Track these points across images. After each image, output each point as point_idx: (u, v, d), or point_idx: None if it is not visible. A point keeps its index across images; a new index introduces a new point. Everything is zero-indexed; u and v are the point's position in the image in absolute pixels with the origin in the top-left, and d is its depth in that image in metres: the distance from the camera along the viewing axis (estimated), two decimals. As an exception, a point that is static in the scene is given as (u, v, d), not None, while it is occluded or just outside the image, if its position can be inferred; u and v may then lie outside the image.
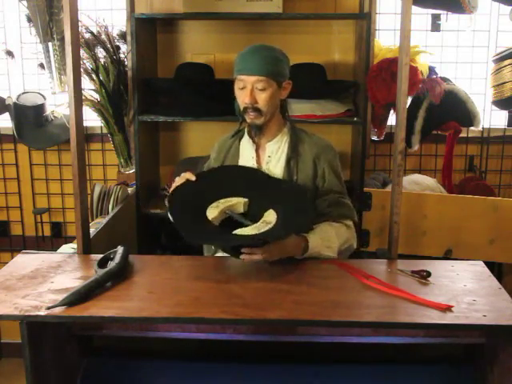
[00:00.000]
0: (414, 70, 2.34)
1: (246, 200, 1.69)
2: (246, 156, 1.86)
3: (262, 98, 1.73)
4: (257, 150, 1.85)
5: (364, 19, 2.40)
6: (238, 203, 1.68)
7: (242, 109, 1.77)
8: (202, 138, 2.80)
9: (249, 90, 1.72)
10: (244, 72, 1.72)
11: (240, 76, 1.73)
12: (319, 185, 1.81)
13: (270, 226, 1.58)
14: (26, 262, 1.64)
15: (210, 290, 1.45)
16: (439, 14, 2.59)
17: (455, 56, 2.82)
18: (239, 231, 1.56)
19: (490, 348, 1.49)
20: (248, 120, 1.78)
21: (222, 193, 1.69)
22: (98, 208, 2.44)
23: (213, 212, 1.63)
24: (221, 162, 1.90)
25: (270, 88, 1.72)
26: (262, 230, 1.55)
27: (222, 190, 1.70)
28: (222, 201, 1.66)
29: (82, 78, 2.24)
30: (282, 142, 1.83)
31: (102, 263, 1.56)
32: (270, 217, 1.62)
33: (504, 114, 2.80)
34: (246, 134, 1.88)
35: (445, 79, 2.58)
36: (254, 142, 1.85)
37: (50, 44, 2.66)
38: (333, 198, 1.79)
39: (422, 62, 2.52)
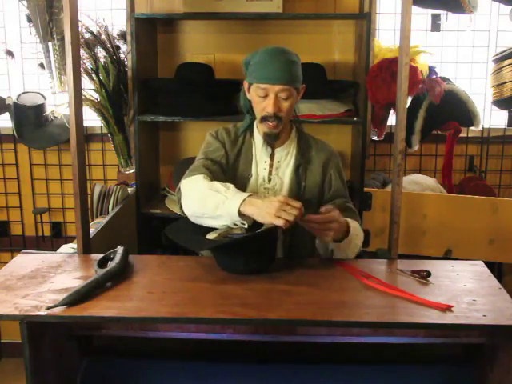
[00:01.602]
0: (413, 70, 2.34)
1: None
2: (260, 159, 1.81)
3: (285, 107, 1.68)
4: (271, 155, 1.81)
5: (364, 19, 2.40)
6: (236, 228, 1.63)
7: (259, 117, 1.73)
8: (201, 138, 2.78)
9: (272, 98, 1.66)
10: (267, 81, 1.65)
11: (262, 85, 1.67)
12: (326, 190, 1.80)
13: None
14: (26, 261, 1.64)
15: (209, 290, 1.45)
16: (439, 14, 2.60)
17: (455, 56, 2.82)
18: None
19: (490, 348, 1.49)
20: (266, 129, 1.72)
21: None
22: (98, 208, 2.44)
23: (212, 235, 1.62)
24: (235, 155, 1.80)
25: (292, 96, 1.69)
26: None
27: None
28: (218, 230, 1.63)
29: (82, 78, 2.23)
30: (291, 148, 1.81)
31: (102, 263, 1.56)
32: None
33: (504, 113, 2.80)
34: (257, 133, 1.81)
35: (445, 79, 2.58)
36: (270, 146, 1.79)
37: (50, 44, 2.66)
38: (339, 203, 1.76)
39: (422, 62, 2.52)
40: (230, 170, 1.80)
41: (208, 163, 1.75)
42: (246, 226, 1.56)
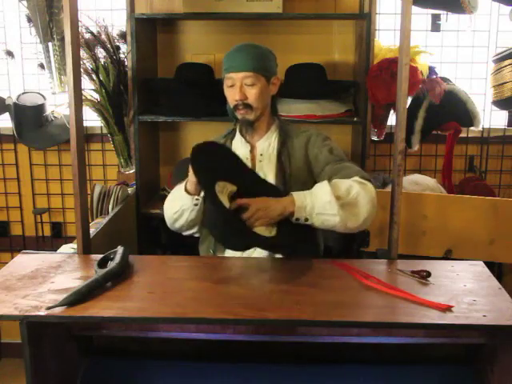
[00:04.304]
0: (414, 70, 2.34)
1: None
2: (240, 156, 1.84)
3: (252, 94, 1.74)
4: (251, 150, 1.84)
5: (364, 19, 2.40)
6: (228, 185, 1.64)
7: (232, 107, 1.78)
8: (201, 138, 2.74)
9: (238, 86, 1.74)
10: (232, 70, 1.75)
11: (228, 74, 1.76)
12: (315, 167, 1.78)
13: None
14: (26, 262, 1.64)
15: (210, 290, 1.45)
16: (439, 14, 2.59)
17: (455, 56, 2.82)
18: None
19: (490, 348, 1.49)
20: (239, 116, 1.78)
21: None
22: (98, 208, 2.44)
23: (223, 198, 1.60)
24: None
25: (258, 83, 1.74)
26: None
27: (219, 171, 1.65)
28: (221, 186, 1.62)
29: (82, 78, 2.24)
30: (272, 139, 1.84)
31: (102, 263, 1.56)
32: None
33: (504, 113, 2.80)
34: (237, 134, 1.87)
35: (445, 79, 2.58)
36: (246, 141, 1.84)
37: (50, 44, 2.66)
38: (328, 170, 1.73)
39: (422, 62, 2.52)
40: None
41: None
42: (199, 202, 1.71)
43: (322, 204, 1.57)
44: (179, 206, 1.75)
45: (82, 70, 2.15)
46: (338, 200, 1.56)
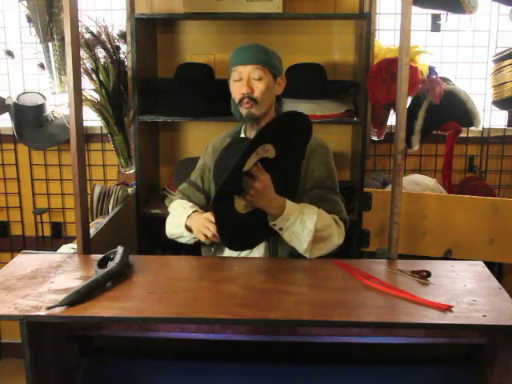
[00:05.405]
0: (414, 70, 2.34)
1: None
2: None
3: (259, 88, 1.74)
4: None
5: (364, 19, 2.40)
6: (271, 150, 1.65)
7: (237, 101, 1.77)
8: (201, 138, 2.80)
9: (245, 79, 1.74)
10: (239, 63, 1.75)
11: (236, 67, 1.76)
12: (307, 181, 1.79)
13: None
14: (26, 262, 1.64)
15: (209, 290, 1.45)
16: (439, 14, 2.59)
17: (455, 56, 2.82)
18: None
19: (490, 348, 1.49)
20: (244, 111, 1.77)
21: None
22: (98, 208, 2.44)
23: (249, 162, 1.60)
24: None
25: (266, 78, 1.75)
26: None
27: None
28: (264, 149, 1.61)
29: (82, 78, 2.24)
30: None
31: (102, 263, 1.56)
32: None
33: (504, 113, 2.80)
34: (242, 134, 1.86)
35: (445, 79, 2.58)
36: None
37: (50, 44, 2.66)
38: (317, 194, 1.76)
39: (422, 62, 2.52)
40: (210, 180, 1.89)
41: (185, 187, 1.95)
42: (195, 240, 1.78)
43: (302, 228, 1.64)
44: (179, 232, 1.81)
45: (82, 69, 2.15)
46: (315, 231, 1.64)
